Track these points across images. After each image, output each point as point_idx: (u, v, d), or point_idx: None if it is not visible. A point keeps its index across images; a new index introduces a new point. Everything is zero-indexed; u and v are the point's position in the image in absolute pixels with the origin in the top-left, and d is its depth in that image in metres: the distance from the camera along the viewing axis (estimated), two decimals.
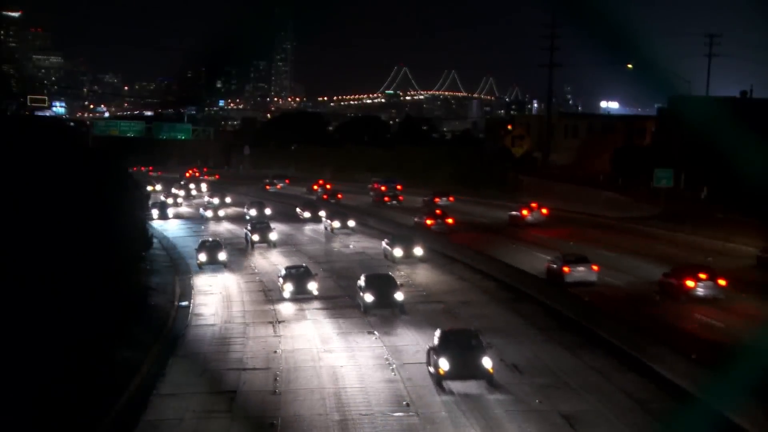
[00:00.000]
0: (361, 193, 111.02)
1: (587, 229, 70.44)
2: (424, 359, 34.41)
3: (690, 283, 41.75)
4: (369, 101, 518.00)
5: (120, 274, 42.96)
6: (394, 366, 34.65)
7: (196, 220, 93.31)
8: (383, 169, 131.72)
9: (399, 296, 43.96)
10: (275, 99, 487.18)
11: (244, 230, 71.23)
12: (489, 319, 42.13)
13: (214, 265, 58.91)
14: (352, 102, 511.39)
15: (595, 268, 47.37)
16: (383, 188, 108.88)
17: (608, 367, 33.95)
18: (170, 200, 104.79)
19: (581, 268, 46.91)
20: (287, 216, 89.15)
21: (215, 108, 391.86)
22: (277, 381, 33.34)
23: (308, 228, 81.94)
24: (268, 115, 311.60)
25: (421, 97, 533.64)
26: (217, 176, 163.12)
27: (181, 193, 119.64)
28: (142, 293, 47.10)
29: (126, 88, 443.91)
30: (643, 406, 29.49)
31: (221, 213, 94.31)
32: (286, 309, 46.30)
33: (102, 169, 49.56)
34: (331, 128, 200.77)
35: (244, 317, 45.15)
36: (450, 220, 72.74)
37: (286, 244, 70.74)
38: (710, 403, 26.76)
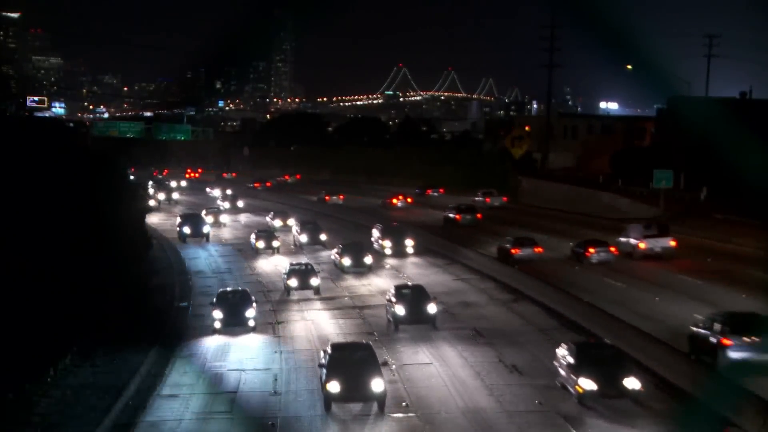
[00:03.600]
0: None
1: (583, 229, 70.41)
2: (423, 360, 34.58)
3: (591, 250, 55.65)
4: (368, 102, 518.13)
5: (119, 275, 42.98)
6: (394, 366, 34.64)
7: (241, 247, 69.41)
8: (383, 169, 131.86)
9: (432, 309, 40.64)
10: (275, 100, 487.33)
11: (283, 273, 51.71)
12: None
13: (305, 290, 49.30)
14: (351, 103, 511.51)
15: (537, 249, 56.97)
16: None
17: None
18: (209, 216, 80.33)
19: (527, 249, 56.50)
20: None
21: (215, 109, 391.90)
22: (277, 382, 33.33)
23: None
24: (268, 115, 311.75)
25: (421, 97, 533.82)
26: (234, 174, 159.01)
27: (225, 204, 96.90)
28: (142, 294, 47.03)
29: (125, 88, 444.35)
30: (643, 406, 29.48)
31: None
32: (286, 309, 46.26)
33: (100, 170, 49.59)
34: (330, 129, 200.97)
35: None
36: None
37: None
38: (710, 403, 26.79)
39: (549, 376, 32.02)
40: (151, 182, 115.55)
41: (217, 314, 40.91)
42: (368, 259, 56.34)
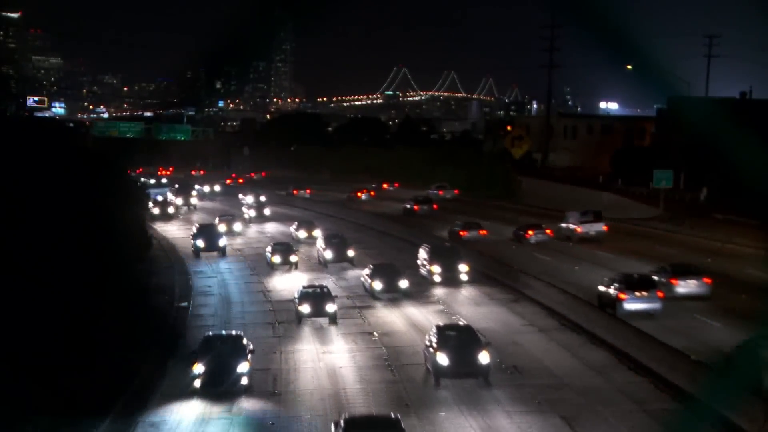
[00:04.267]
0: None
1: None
2: (423, 360, 34.47)
3: (530, 232, 65.34)
4: (368, 102, 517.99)
5: (119, 275, 42.94)
6: (394, 367, 34.63)
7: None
8: (383, 169, 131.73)
9: (484, 358, 31.99)
10: (275, 100, 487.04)
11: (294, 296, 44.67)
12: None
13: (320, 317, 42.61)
14: (351, 103, 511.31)
15: (482, 232, 67.05)
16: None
17: (607, 366, 34.05)
18: (221, 224, 73.63)
19: (473, 232, 66.82)
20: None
21: (215, 109, 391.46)
22: (277, 381, 33.30)
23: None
24: (268, 115, 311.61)
25: (421, 97, 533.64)
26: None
27: (251, 213, 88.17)
28: (142, 294, 46.99)
29: (125, 89, 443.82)
30: (643, 406, 29.49)
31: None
32: (285, 310, 46.19)
33: (99, 170, 49.56)
34: (330, 129, 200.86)
35: (244, 318, 44.91)
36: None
37: None
38: (710, 403, 26.78)
39: None
40: (168, 188, 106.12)
41: (199, 369, 31.38)
42: (404, 283, 47.93)
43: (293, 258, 58.04)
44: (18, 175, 36.12)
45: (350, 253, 58.83)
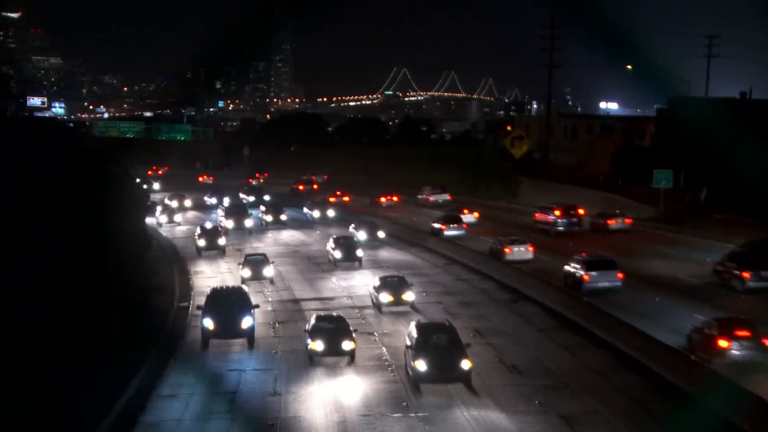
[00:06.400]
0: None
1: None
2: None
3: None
4: (368, 102, 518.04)
5: (118, 275, 42.96)
6: (393, 367, 34.64)
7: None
8: (383, 169, 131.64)
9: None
10: (275, 100, 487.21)
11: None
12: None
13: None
14: (351, 103, 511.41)
15: (465, 225, 70.75)
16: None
17: (607, 366, 34.05)
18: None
19: (454, 225, 70.09)
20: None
21: (215, 109, 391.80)
22: (277, 382, 33.32)
23: None
24: (268, 116, 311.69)
25: (421, 97, 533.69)
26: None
27: (268, 217, 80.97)
28: (142, 294, 46.99)
29: (125, 89, 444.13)
30: (643, 406, 29.50)
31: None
32: (285, 310, 46.21)
33: (98, 171, 49.55)
34: (330, 129, 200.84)
35: None
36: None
37: None
38: (710, 403, 26.78)
39: None
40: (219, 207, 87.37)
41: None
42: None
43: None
44: (18, 175, 36.13)
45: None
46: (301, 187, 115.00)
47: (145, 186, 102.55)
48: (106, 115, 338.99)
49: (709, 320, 34.40)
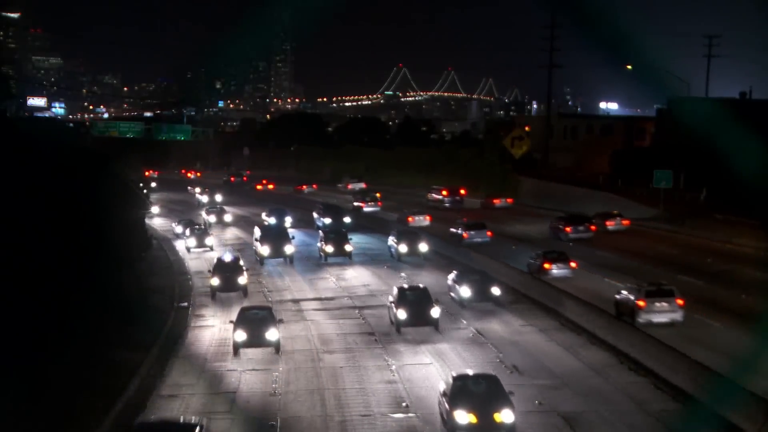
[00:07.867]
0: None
1: None
2: (424, 360, 34.17)
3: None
4: (368, 102, 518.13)
5: (118, 275, 42.94)
6: (394, 367, 34.64)
7: None
8: (383, 169, 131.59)
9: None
10: (274, 100, 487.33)
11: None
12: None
13: None
14: (351, 103, 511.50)
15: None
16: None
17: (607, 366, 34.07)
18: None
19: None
20: None
21: (215, 109, 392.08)
22: (277, 382, 33.31)
23: None
24: (268, 116, 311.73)
25: (421, 97, 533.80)
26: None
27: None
28: (142, 294, 46.99)
29: (125, 88, 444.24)
30: (643, 406, 29.49)
31: None
32: (286, 310, 46.18)
33: (98, 171, 49.52)
34: (330, 129, 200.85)
35: None
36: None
37: None
38: (711, 404, 26.77)
39: None
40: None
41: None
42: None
43: (348, 247, 60.03)
44: (17, 175, 36.13)
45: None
46: (233, 179, 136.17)
47: (144, 189, 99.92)
48: (106, 115, 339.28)
49: (538, 252, 53.42)
